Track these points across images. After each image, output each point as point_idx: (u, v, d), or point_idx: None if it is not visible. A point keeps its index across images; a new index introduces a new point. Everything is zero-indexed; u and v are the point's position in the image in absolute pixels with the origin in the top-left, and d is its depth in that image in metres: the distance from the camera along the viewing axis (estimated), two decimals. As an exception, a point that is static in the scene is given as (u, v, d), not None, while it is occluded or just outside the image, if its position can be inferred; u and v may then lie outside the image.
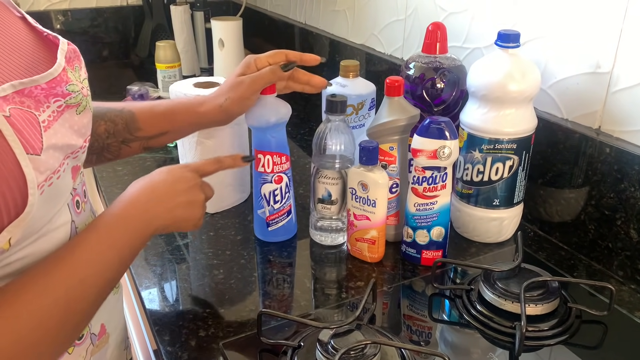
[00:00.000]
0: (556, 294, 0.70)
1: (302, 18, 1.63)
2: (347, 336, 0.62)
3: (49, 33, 0.58)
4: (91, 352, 0.62)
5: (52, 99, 0.52)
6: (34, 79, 0.50)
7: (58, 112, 0.52)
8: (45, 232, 0.54)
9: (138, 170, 1.14)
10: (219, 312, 0.73)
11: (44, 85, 0.51)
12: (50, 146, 0.50)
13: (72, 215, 0.58)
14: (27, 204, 0.47)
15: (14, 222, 0.47)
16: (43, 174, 0.49)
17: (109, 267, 0.57)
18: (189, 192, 0.68)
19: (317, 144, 0.84)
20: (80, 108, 0.56)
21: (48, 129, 0.50)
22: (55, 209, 0.54)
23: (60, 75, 0.54)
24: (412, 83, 0.89)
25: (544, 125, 0.86)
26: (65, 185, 0.55)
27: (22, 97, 0.49)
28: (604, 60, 0.79)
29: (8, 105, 0.47)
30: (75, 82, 0.56)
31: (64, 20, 1.86)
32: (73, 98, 0.54)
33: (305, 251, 0.88)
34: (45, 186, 0.50)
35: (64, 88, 0.53)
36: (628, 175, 0.76)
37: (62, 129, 0.53)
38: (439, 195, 0.78)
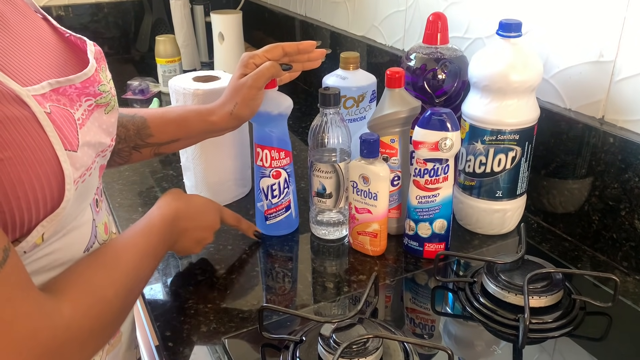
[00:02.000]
0: (560, 286, 0.70)
1: (302, 10, 1.62)
2: (349, 330, 0.62)
3: (71, 34, 0.60)
4: (107, 351, 0.63)
5: (84, 98, 0.54)
6: (70, 79, 0.52)
7: (89, 111, 0.54)
8: (71, 229, 0.55)
9: (138, 165, 1.14)
10: (221, 307, 0.73)
11: (78, 85, 0.53)
12: (85, 143, 0.52)
13: (93, 214, 0.59)
14: (63, 199, 0.49)
15: (49, 217, 0.49)
16: (78, 170, 0.51)
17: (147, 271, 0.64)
18: (205, 231, 0.77)
19: (312, 138, 0.83)
20: (109, 108, 0.58)
21: (82, 126, 0.52)
22: (82, 206, 0.56)
23: (94, 75, 0.55)
24: (413, 74, 0.88)
25: (547, 115, 0.85)
26: (93, 183, 0.57)
27: (57, 95, 0.50)
28: (607, 49, 0.78)
29: (47, 102, 0.48)
30: (105, 83, 0.57)
31: (65, 16, 1.85)
32: (103, 98, 0.56)
33: (306, 245, 0.87)
34: (80, 182, 0.51)
35: (96, 88, 0.55)
36: (632, 165, 0.75)
37: (93, 127, 0.54)
38: (441, 187, 0.78)
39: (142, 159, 0.82)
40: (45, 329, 0.46)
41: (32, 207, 0.47)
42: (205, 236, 0.76)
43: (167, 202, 0.71)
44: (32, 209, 0.47)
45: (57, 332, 0.47)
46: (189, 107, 0.86)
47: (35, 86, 0.48)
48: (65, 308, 0.49)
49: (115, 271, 0.57)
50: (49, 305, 0.47)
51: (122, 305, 0.57)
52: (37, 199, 0.47)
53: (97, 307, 0.53)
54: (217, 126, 0.80)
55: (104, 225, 0.63)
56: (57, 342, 0.47)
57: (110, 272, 0.57)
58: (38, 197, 0.47)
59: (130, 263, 0.60)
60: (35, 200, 0.47)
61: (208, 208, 0.77)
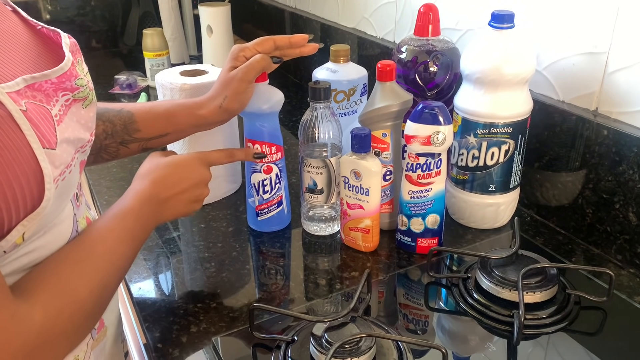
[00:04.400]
0: (554, 281, 0.69)
1: (292, 2, 1.60)
2: (341, 329, 0.61)
3: (43, 26, 0.57)
4: (91, 346, 0.62)
5: (60, 92, 0.52)
6: (45, 74, 0.50)
7: (66, 106, 0.52)
8: (52, 226, 0.54)
9: (126, 162, 1.12)
10: (211, 307, 0.72)
11: (55, 80, 0.51)
12: (63, 140, 0.50)
13: (73, 209, 0.58)
14: (43, 198, 0.48)
15: (29, 216, 0.47)
16: (58, 169, 0.49)
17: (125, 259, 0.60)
18: (196, 189, 0.71)
19: (302, 133, 0.82)
20: (87, 102, 0.56)
21: (60, 123, 0.50)
22: (64, 203, 0.55)
23: (70, 69, 0.53)
24: (404, 67, 0.86)
25: (540, 107, 0.84)
26: (74, 180, 0.55)
27: (33, 91, 0.48)
28: (600, 40, 0.77)
29: (23, 99, 0.47)
30: (82, 76, 0.55)
31: (52, 10, 1.82)
32: (81, 92, 0.54)
33: (298, 242, 0.86)
34: (60, 180, 0.50)
35: (72, 82, 0.53)
36: (626, 158, 0.75)
37: (71, 122, 0.53)
38: (434, 182, 0.77)
39: (130, 154, 0.81)
40: (17, 337, 0.45)
41: (12, 207, 0.45)
42: (197, 193, 0.71)
43: (141, 177, 0.68)
44: (12, 209, 0.45)
45: (29, 338, 0.46)
46: (177, 101, 0.85)
47: (9, 83, 0.46)
48: (37, 313, 0.48)
49: (89, 267, 0.55)
50: (21, 311, 0.46)
51: (97, 302, 0.56)
52: (16, 199, 0.45)
53: (69, 308, 0.51)
54: (206, 120, 0.78)
55: (85, 219, 0.62)
56: (27, 349, 0.46)
57: (83, 268, 0.54)
58: (17, 198, 0.45)
59: (105, 255, 0.57)
60: (14, 201, 0.45)
61: (189, 165, 0.71)
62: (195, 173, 0.72)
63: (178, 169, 0.70)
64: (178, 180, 0.69)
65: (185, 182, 0.70)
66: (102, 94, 1.49)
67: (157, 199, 0.66)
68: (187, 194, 0.70)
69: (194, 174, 0.71)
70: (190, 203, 0.71)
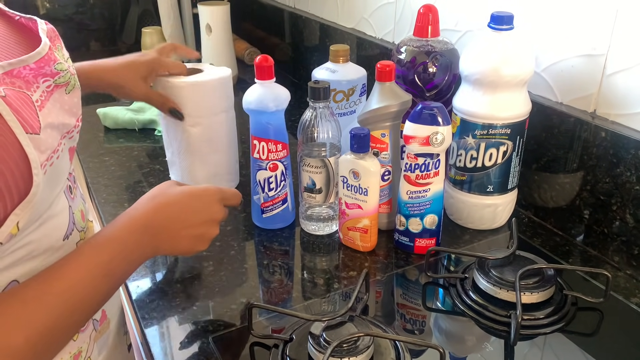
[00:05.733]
0: (552, 282, 0.69)
1: (291, 2, 1.60)
2: (339, 328, 0.61)
3: (22, 16, 0.57)
4: (94, 339, 0.63)
5: (40, 79, 0.51)
6: (22, 59, 0.50)
7: (48, 92, 0.52)
8: (47, 218, 0.54)
9: (125, 160, 1.12)
10: (209, 306, 0.71)
11: (33, 65, 0.51)
12: (47, 125, 0.50)
13: (68, 201, 0.58)
14: (32, 185, 0.48)
15: (21, 204, 0.47)
16: (44, 154, 0.49)
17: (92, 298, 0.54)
18: (204, 226, 0.64)
19: (301, 132, 0.82)
20: (69, 87, 0.55)
21: (42, 108, 0.50)
22: (55, 192, 0.54)
23: (48, 54, 0.53)
24: (403, 67, 0.87)
25: (538, 109, 0.84)
26: (64, 167, 0.55)
27: (11, 78, 0.48)
28: (599, 42, 0.77)
29: (1, 86, 0.47)
30: (62, 61, 0.55)
31: (50, 8, 1.82)
32: (62, 77, 0.54)
33: (296, 241, 0.86)
34: (48, 166, 0.50)
35: (52, 67, 0.53)
36: (624, 160, 0.75)
37: (55, 108, 0.52)
38: (432, 182, 0.77)
39: None
40: None
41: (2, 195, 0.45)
42: (203, 231, 0.64)
43: (145, 200, 0.62)
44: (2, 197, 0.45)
45: None
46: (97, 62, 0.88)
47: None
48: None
49: (34, 310, 0.48)
50: None
51: (39, 350, 0.48)
52: (5, 186, 0.45)
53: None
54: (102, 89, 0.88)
55: (81, 212, 0.62)
56: None
57: (26, 311, 0.48)
58: (5, 185, 0.45)
59: (61, 295, 0.50)
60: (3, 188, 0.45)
61: (202, 198, 0.64)
62: (207, 208, 0.64)
63: (190, 199, 0.63)
64: (186, 212, 0.62)
65: (194, 216, 0.63)
66: (100, 93, 1.48)
67: (155, 228, 0.60)
68: (192, 230, 0.63)
69: (206, 208, 0.64)
70: (195, 240, 0.64)
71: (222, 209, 0.66)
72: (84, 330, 0.61)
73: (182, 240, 0.63)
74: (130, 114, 1.27)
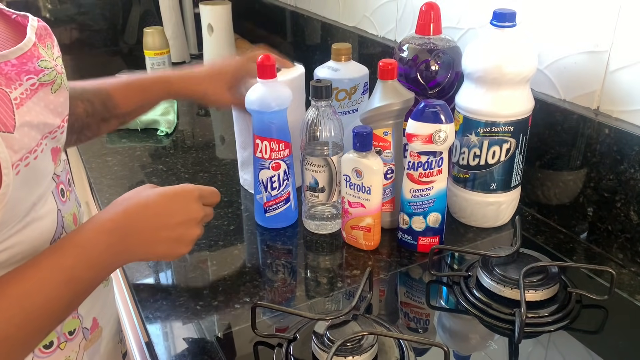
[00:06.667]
0: (556, 279, 0.69)
1: (293, 1, 1.59)
2: (343, 327, 0.61)
3: (18, 14, 0.56)
4: (84, 347, 0.62)
5: (24, 76, 0.50)
6: (3, 54, 0.49)
7: (32, 90, 0.51)
8: (30, 221, 0.52)
9: (127, 160, 1.12)
10: (213, 305, 0.72)
11: (14, 61, 0.50)
12: (24, 124, 0.48)
13: (57, 204, 0.57)
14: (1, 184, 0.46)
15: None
16: (18, 153, 0.47)
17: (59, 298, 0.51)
18: (182, 227, 0.60)
19: (304, 131, 0.82)
20: (55, 86, 0.54)
21: (21, 106, 0.49)
22: (36, 193, 0.52)
23: (31, 50, 0.52)
24: (405, 66, 0.86)
25: (541, 106, 0.84)
26: (45, 168, 0.53)
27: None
28: (602, 39, 0.77)
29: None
30: (47, 59, 0.54)
31: (52, 8, 1.82)
32: (46, 75, 0.53)
33: (300, 240, 0.86)
34: (22, 166, 0.48)
35: (35, 64, 0.52)
36: (628, 156, 0.75)
37: (37, 107, 0.51)
38: (435, 180, 0.77)
39: (110, 129, 0.85)
40: None
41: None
42: (181, 232, 0.60)
43: (115, 204, 0.58)
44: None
45: None
46: (149, 74, 0.92)
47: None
48: None
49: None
50: None
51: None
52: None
53: None
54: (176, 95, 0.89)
55: (73, 216, 0.60)
56: None
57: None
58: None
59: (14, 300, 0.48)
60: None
61: (178, 197, 0.60)
62: (184, 207, 0.60)
63: (164, 200, 0.59)
64: (160, 214, 0.58)
65: (170, 217, 0.59)
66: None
67: (125, 230, 0.56)
68: (169, 232, 0.59)
69: (183, 208, 0.60)
70: (174, 243, 0.60)
71: (200, 208, 0.62)
72: (72, 339, 0.60)
73: (159, 244, 0.59)
74: (133, 114, 1.27)
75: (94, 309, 0.64)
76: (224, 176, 1.06)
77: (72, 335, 0.60)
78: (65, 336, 0.59)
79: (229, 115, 1.02)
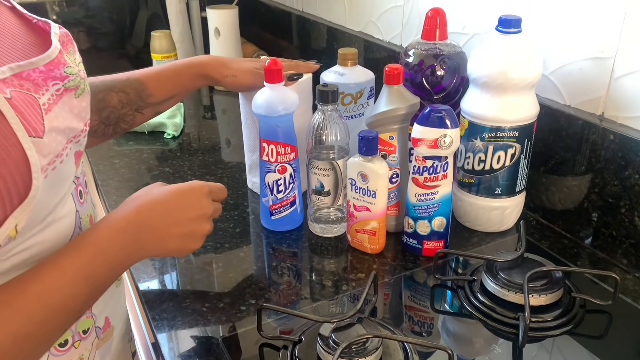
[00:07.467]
0: (560, 284, 0.69)
1: (299, 5, 1.60)
2: (348, 330, 0.61)
3: (39, 19, 0.58)
4: (96, 346, 0.62)
5: (50, 82, 0.52)
6: (32, 62, 0.50)
7: (57, 95, 0.52)
8: (51, 222, 0.53)
9: (135, 162, 1.13)
10: (219, 307, 0.72)
11: (42, 68, 0.51)
12: (52, 129, 0.50)
13: (76, 205, 0.58)
14: (31, 188, 0.47)
15: (19, 207, 0.47)
16: (46, 157, 0.49)
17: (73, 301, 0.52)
18: (193, 223, 0.61)
19: (310, 135, 0.83)
20: (79, 91, 0.56)
21: (49, 111, 0.50)
22: (58, 196, 0.54)
23: (57, 57, 0.54)
24: (411, 70, 0.87)
25: (546, 112, 0.85)
26: (68, 171, 0.55)
27: (20, 80, 0.49)
28: (607, 45, 0.77)
29: (8, 88, 0.47)
30: (72, 65, 0.56)
31: (59, 11, 1.84)
32: (71, 81, 0.54)
33: (305, 243, 0.86)
34: (49, 170, 0.50)
35: (61, 70, 0.53)
36: (632, 162, 0.75)
37: (63, 112, 0.52)
38: (440, 184, 0.77)
39: (144, 120, 0.86)
40: None
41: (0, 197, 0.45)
42: (193, 228, 0.62)
43: (128, 202, 0.60)
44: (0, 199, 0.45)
45: None
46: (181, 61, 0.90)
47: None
48: None
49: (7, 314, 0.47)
50: None
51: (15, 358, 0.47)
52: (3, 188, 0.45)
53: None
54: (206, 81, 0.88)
55: (89, 217, 0.61)
56: None
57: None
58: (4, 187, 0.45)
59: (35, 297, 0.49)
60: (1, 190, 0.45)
61: (188, 194, 0.62)
62: (195, 203, 0.62)
63: (175, 196, 0.61)
64: (172, 210, 0.60)
65: (182, 213, 0.60)
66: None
67: (139, 228, 0.57)
68: (181, 227, 0.60)
69: (194, 204, 0.62)
70: (187, 238, 0.61)
71: (211, 204, 0.64)
72: (86, 338, 0.60)
73: (172, 240, 0.60)
74: (140, 116, 1.28)
75: (107, 309, 0.65)
76: (230, 179, 1.06)
77: (86, 334, 0.61)
78: (80, 335, 0.60)
79: (235, 119, 1.03)
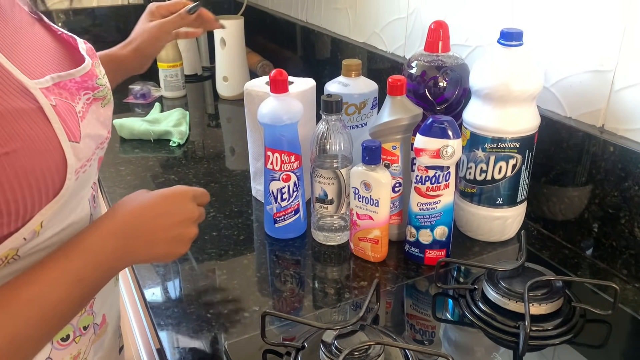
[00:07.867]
0: (560, 293, 0.70)
1: (304, 16, 1.62)
2: (350, 337, 0.62)
3: (63, 32, 0.62)
4: (92, 341, 0.65)
5: (82, 92, 0.55)
6: (71, 73, 0.54)
7: (87, 104, 0.56)
8: (71, 224, 0.56)
9: (140, 170, 1.14)
10: (223, 313, 0.73)
11: (78, 79, 0.55)
12: (86, 135, 0.54)
13: (90, 209, 0.61)
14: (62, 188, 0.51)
15: (48, 205, 0.50)
16: (80, 161, 0.53)
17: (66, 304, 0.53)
18: (180, 227, 0.61)
19: (314, 144, 0.84)
20: (105, 101, 0.60)
21: (83, 119, 0.54)
22: (80, 196, 0.57)
23: (91, 69, 0.57)
24: (414, 82, 0.88)
25: (547, 123, 0.86)
26: (91, 175, 0.59)
27: (59, 89, 0.52)
28: (607, 58, 0.79)
29: (52, 96, 0.50)
30: (101, 77, 0.59)
31: (65, 19, 1.86)
32: (100, 91, 0.58)
33: (308, 251, 0.87)
34: (80, 173, 0.53)
35: (94, 82, 0.57)
36: (632, 174, 0.76)
37: (92, 120, 0.56)
38: (442, 194, 0.78)
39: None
40: None
41: (36, 195, 0.48)
42: (180, 232, 0.61)
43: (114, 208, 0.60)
44: (35, 197, 0.49)
45: None
46: (104, 51, 0.92)
47: (40, 80, 0.50)
48: None
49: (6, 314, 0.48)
50: None
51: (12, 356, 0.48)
52: (40, 187, 0.49)
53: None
54: (124, 63, 0.92)
55: None
56: None
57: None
58: (42, 186, 0.49)
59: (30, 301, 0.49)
60: (38, 189, 0.48)
61: (173, 198, 0.62)
62: (181, 207, 0.62)
63: (161, 201, 0.61)
64: (160, 214, 0.60)
65: (168, 217, 0.61)
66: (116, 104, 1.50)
67: (127, 234, 0.57)
68: (169, 232, 0.60)
69: (179, 208, 0.62)
70: (174, 243, 0.61)
71: (196, 208, 0.64)
72: (85, 334, 0.63)
73: (159, 245, 0.60)
74: (146, 125, 1.30)
75: (105, 306, 0.67)
76: (234, 187, 1.08)
77: (86, 331, 0.63)
78: (80, 330, 0.62)
79: (240, 127, 1.04)
